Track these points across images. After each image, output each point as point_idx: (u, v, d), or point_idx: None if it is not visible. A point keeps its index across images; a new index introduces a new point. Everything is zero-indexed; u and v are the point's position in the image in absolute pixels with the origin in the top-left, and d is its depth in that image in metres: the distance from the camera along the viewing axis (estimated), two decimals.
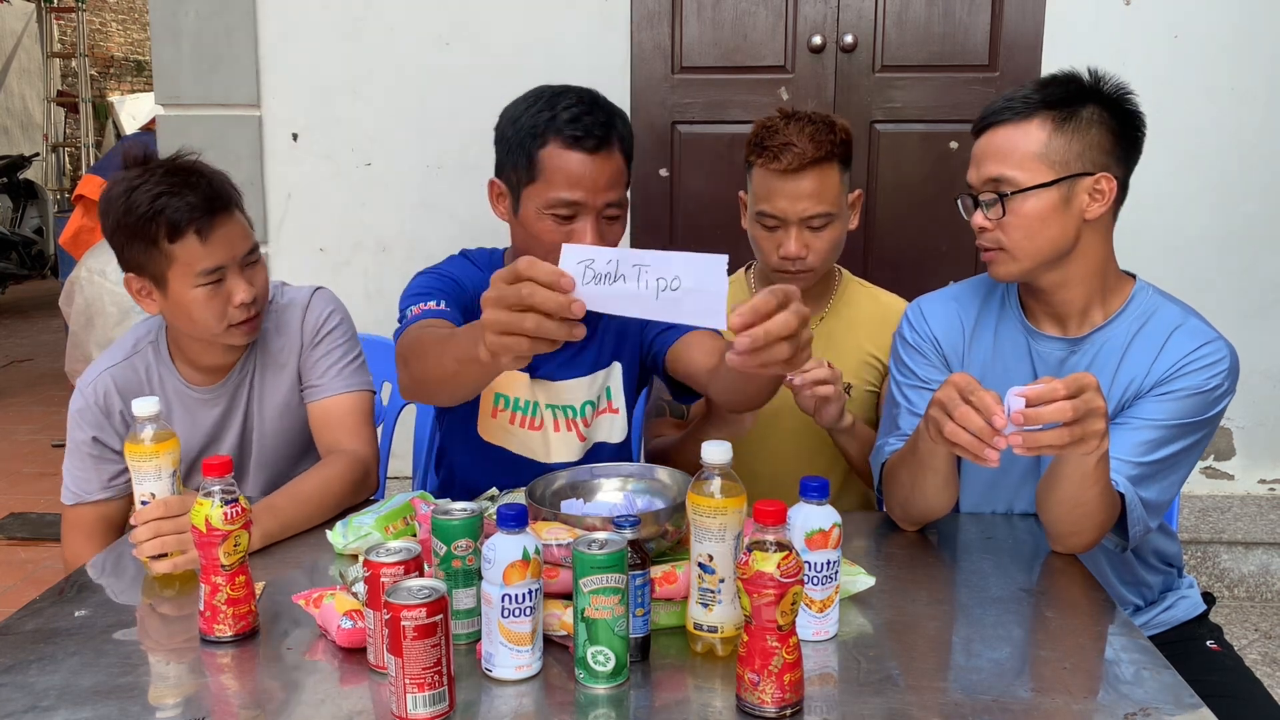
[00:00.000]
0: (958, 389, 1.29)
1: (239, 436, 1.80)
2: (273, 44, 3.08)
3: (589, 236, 1.57)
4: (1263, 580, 3.21)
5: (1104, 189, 1.51)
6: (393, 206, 3.12)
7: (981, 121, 1.56)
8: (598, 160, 1.57)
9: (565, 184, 1.57)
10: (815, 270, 1.85)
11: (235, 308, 1.66)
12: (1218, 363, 1.50)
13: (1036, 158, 1.50)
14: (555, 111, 1.58)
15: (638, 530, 1.20)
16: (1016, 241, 1.52)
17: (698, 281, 1.09)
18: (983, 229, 1.55)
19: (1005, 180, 1.51)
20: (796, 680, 1.07)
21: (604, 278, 1.12)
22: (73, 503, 1.75)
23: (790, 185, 1.77)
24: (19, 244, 8.56)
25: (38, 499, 4.03)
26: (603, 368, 1.78)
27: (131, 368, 1.76)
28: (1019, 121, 1.51)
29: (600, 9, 2.99)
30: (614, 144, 1.60)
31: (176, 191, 1.59)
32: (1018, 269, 1.55)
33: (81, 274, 4.22)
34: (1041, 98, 1.51)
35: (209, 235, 1.61)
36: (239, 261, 1.66)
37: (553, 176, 1.57)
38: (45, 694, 1.12)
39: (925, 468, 1.47)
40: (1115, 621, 1.32)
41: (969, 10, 2.93)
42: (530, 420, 1.76)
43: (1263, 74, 2.94)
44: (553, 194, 1.57)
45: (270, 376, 1.80)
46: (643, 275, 1.11)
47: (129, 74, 11.38)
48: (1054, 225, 1.51)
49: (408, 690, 1.03)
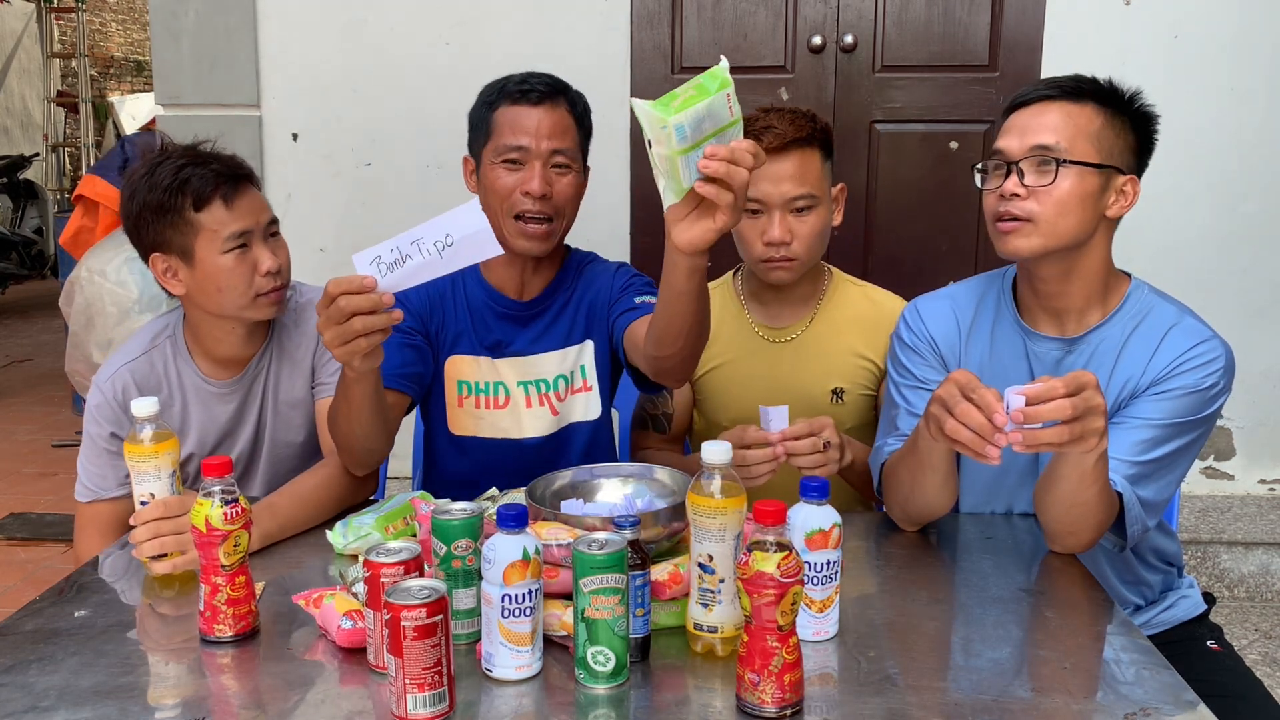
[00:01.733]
0: (959, 386, 1.29)
1: (254, 430, 1.81)
2: (273, 44, 3.08)
3: (536, 181, 1.68)
4: (1263, 580, 3.22)
5: (1129, 191, 1.52)
6: (393, 206, 3.12)
7: (1031, 94, 1.54)
8: (541, 109, 1.71)
9: (511, 132, 1.71)
10: (800, 260, 1.80)
11: (262, 276, 1.68)
12: (1213, 361, 1.50)
13: (1090, 139, 1.49)
14: (507, 81, 1.74)
15: (638, 530, 1.19)
16: (1048, 215, 1.49)
17: (463, 228, 1.30)
18: (1015, 195, 1.50)
19: (1057, 150, 1.49)
20: (796, 680, 1.07)
21: (395, 264, 1.32)
22: (88, 499, 1.76)
23: (772, 167, 1.74)
24: (19, 244, 8.56)
25: (38, 499, 4.03)
26: (575, 344, 1.82)
27: (149, 362, 1.77)
28: (1075, 102, 1.51)
29: (600, 9, 2.99)
30: (560, 100, 1.73)
31: (200, 163, 1.66)
32: (1039, 244, 1.51)
33: (81, 274, 4.22)
34: (1093, 90, 1.51)
35: (234, 201, 1.67)
36: (263, 230, 1.71)
37: (502, 130, 1.72)
38: (45, 694, 1.12)
39: (925, 466, 1.47)
40: (1115, 621, 1.32)
41: (969, 10, 2.93)
42: (495, 400, 1.82)
43: (1263, 74, 2.94)
44: (501, 142, 1.71)
45: (286, 372, 1.81)
46: (421, 245, 1.31)
47: (129, 74, 11.38)
48: (1086, 210, 1.50)
49: (408, 690, 1.03)
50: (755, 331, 1.92)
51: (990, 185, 1.55)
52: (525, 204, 1.70)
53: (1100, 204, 1.51)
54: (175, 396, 1.77)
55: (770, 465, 1.58)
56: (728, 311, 1.93)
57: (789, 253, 1.79)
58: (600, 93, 3.04)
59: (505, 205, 1.71)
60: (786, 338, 1.90)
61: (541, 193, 1.69)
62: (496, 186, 1.71)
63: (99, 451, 1.75)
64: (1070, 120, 1.50)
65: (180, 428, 1.77)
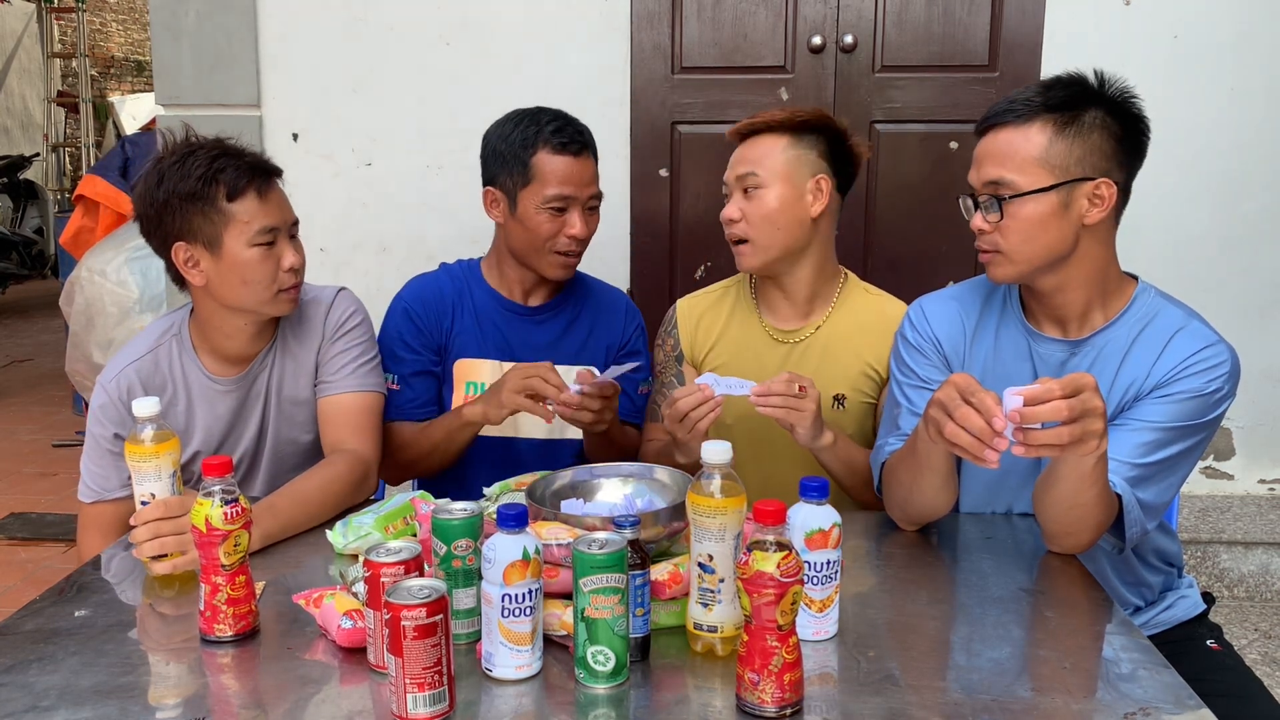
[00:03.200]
0: (958, 389, 1.29)
1: (258, 427, 1.82)
2: (273, 44, 3.08)
3: (580, 227, 1.91)
4: (1262, 580, 3.21)
5: (1104, 195, 1.50)
6: (393, 206, 3.12)
7: (983, 123, 1.56)
8: (580, 162, 1.90)
9: (557, 182, 1.88)
10: (753, 242, 1.82)
11: (285, 272, 1.71)
12: (1218, 365, 1.49)
13: (1036, 162, 1.49)
14: (540, 126, 1.90)
15: (638, 530, 1.20)
16: (1014, 245, 1.52)
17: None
18: (981, 231, 1.55)
19: (1004, 183, 1.50)
20: (796, 680, 1.07)
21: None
22: (91, 500, 1.75)
23: (735, 154, 1.86)
24: (19, 244, 8.55)
25: (38, 499, 4.04)
26: (583, 365, 1.90)
27: (154, 361, 1.78)
28: (1020, 124, 1.50)
29: (600, 9, 2.99)
30: (589, 149, 1.94)
31: (233, 155, 1.69)
32: (1015, 271, 1.54)
33: (81, 274, 4.22)
34: (1044, 101, 1.49)
35: (266, 195, 1.70)
36: (288, 228, 1.74)
37: (547, 178, 1.88)
38: (45, 694, 1.12)
39: (924, 467, 1.47)
40: (1114, 621, 1.32)
41: (969, 10, 2.93)
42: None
43: (1263, 74, 2.94)
44: (548, 191, 1.88)
45: (290, 370, 1.82)
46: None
47: (129, 74, 11.38)
48: (1052, 230, 1.50)
49: (408, 690, 1.03)
50: (765, 331, 1.92)
51: (967, 218, 1.59)
52: (569, 245, 1.92)
53: (1070, 217, 1.50)
54: (180, 394, 1.78)
55: (708, 408, 1.60)
56: (739, 310, 1.95)
57: (739, 232, 1.83)
58: (600, 93, 3.07)
59: (549, 244, 1.92)
60: (795, 339, 1.90)
61: (585, 236, 1.93)
62: (542, 230, 1.90)
63: (102, 452, 1.75)
64: (1014, 147, 1.50)
65: (185, 425, 1.77)
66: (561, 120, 1.91)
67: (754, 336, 1.93)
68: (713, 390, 1.60)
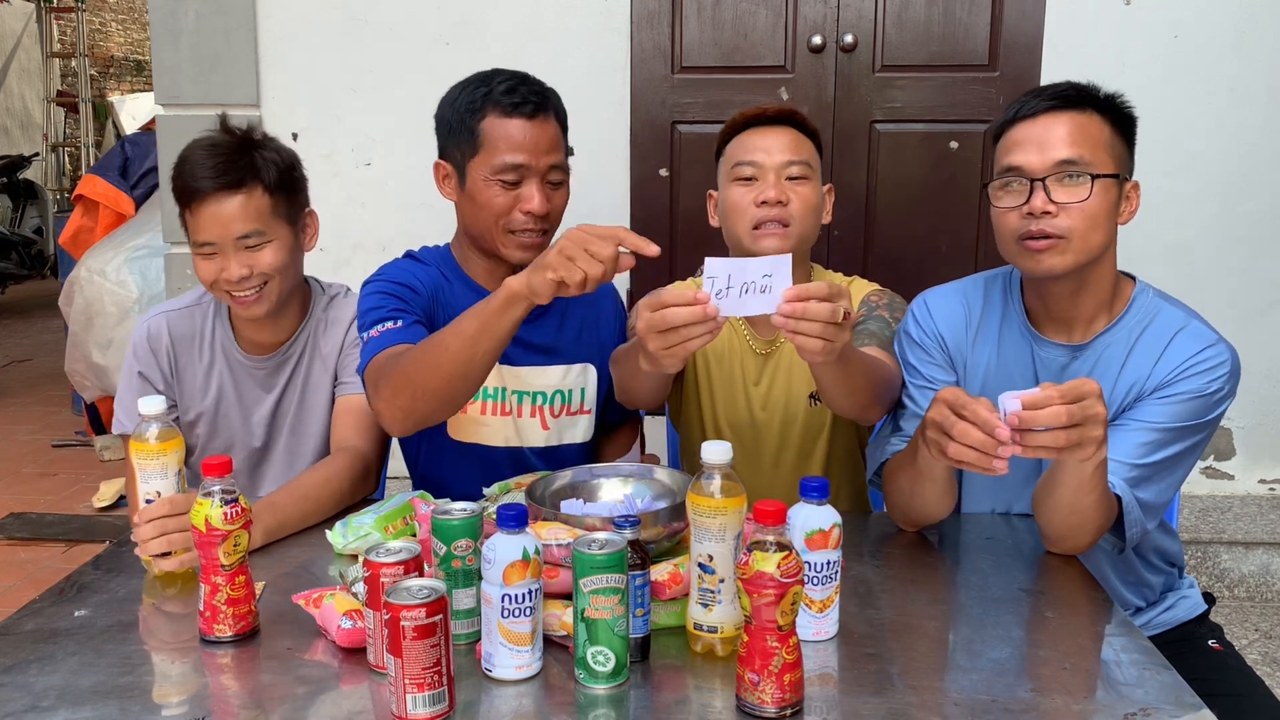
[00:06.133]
0: (949, 405, 1.28)
1: (271, 410, 1.86)
2: (273, 44, 3.08)
3: (537, 201, 1.65)
4: (1263, 580, 3.21)
5: (1134, 197, 1.51)
6: (393, 206, 3.12)
7: (1035, 105, 1.49)
8: (535, 125, 1.65)
9: (508, 148, 1.64)
10: (793, 228, 1.69)
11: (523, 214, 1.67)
12: (1219, 366, 1.49)
13: (1104, 148, 1.46)
14: (491, 86, 1.66)
15: (638, 530, 1.19)
16: (1081, 230, 1.45)
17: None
18: (1046, 213, 1.45)
19: (1083, 164, 1.45)
20: (796, 680, 1.07)
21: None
22: (131, 432, 1.80)
23: (765, 138, 1.72)
24: (19, 244, 8.55)
25: (38, 499, 4.03)
26: (577, 363, 1.83)
27: (189, 316, 1.85)
28: (1080, 112, 1.47)
29: (600, 9, 2.99)
30: (549, 111, 1.68)
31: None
32: (1072, 261, 1.47)
33: (81, 274, 4.22)
34: (1089, 96, 1.48)
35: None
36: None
37: (495, 144, 1.65)
38: (45, 694, 1.12)
39: (924, 478, 1.47)
40: (1115, 621, 1.32)
41: (969, 10, 2.93)
42: (501, 406, 1.81)
43: (1263, 74, 2.94)
44: (497, 159, 1.64)
45: (317, 368, 1.86)
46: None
47: (129, 74, 11.37)
48: (1110, 221, 1.48)
49: (408, 690, 1.03)
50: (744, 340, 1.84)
51: (1010, 203, 1.50)
52: (525, 222, 1.67)
53: (1116, 214, 1.50)
54: (204, 353, 1.84)
55: (704, 328, 1.28)
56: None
57: (784, 215, 1.69)
58: (600, 93, 3.07)
59: (502, 222, 1.68)
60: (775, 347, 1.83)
61: (543, 212, 1.67)
62: (493, 205, 1.66)
63: (130, 388, 1.83)
64: (1084, 131, 1.47)
65: (202, 384, 1.84)
66: (516, 79, 1.67)
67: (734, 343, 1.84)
68: (715, 306, 1.27)
